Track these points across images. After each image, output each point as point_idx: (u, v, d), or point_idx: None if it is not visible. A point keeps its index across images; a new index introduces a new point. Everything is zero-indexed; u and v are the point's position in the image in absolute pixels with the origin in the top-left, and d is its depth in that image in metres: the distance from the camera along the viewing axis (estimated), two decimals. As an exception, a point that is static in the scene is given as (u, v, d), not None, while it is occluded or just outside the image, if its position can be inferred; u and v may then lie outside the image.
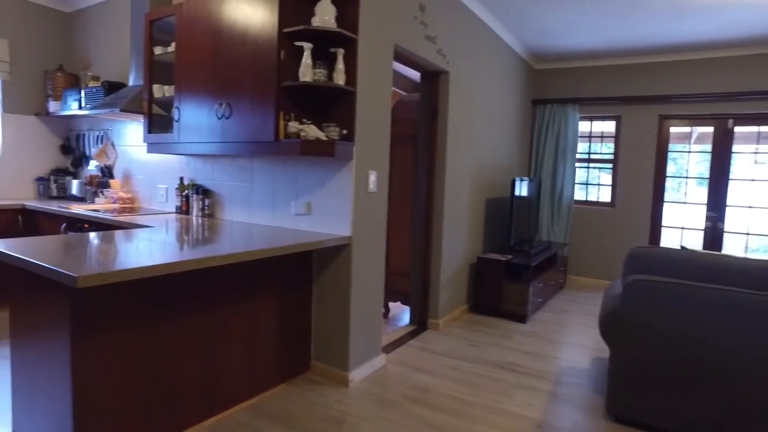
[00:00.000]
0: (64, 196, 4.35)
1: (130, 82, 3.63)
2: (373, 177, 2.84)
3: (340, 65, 2.60)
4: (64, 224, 3.50)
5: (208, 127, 2.85)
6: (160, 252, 1.98)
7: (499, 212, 4.91)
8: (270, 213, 3.03)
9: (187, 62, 2.96)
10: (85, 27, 4.40)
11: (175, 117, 3.02)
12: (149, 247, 2.08)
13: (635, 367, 2.39)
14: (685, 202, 5.22)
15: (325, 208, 2.80)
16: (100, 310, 1.81)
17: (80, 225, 3.36)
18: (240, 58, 2.68)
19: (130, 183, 3.99)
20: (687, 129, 5.24)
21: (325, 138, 2.55)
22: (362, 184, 2.76)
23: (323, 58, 2.62)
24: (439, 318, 3.83)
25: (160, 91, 3.23)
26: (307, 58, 2.54)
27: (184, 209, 3.39)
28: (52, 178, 4.37)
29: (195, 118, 2.92)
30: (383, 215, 3.00)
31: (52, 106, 4.23)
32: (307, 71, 2.54)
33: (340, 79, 2.60)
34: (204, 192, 3.29)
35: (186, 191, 3.38)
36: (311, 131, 2.52)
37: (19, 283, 2.02)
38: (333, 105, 2.73)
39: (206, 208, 3.28)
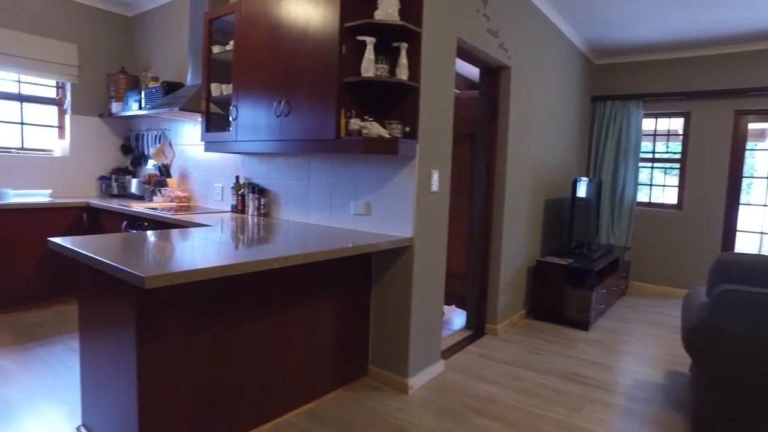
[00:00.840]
0: (124, 194, 4.46)
1: (188, 82, 3.66)
2: (435, 176, 2.73)
3: (404, 60, 2.50)
4: (125, 222, 3.56)
5: (266, 125, 2.81)
6: (221, 252, 1.94)
7: (558, 214, 4.69)
8: (327, 213, 2.97)
9: (246, 60, 2.93)
10: (146, 30, 4.49)
11: (233, 115, 3.00)
12: (210, 247, 2.04)
13: (727, 387, 2.17)
14: (765, 205, 4.83)
15: (385, 209, 2.70)
16: (163, 310, 1.78)
17: (140, 223, 3.40)
18: (299, 54, 2.63)
19: (186, 181, 4.03)
20: (765, 125, 4.85)
21: (387, 135, 2.45)
22: (425, 184, 2.65)
23: (385, 53, 2.52)
24: (497, 323, 3.68)
25: (217, 89, 3.22)
26: (369, 53, 2.45)
27: (239, 208, 3.38)
28: (113, 176, 4.49)
29: (253, 117, 2.89)
30: (445, 216, 2.88)
31: (115, 107, 4.34)
32: (369, 66, 2.45)
33: (403, 74, 2.50)
34: (260, 191, 3.27)
35: (242, 190, 3.37)
36: (374, 128, 2.44)
37: (86, 279, 2.02)
38: (395, 101, 2.63)
39: (262, 207, 3.25)
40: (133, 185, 4.32)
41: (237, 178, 3.42)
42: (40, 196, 3.96)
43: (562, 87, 4.54)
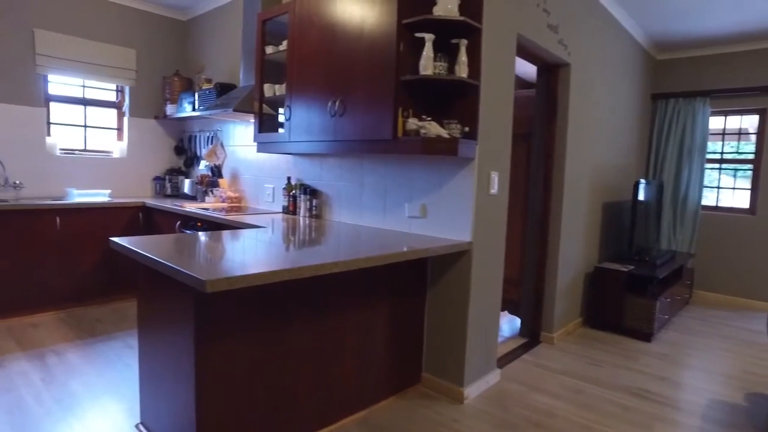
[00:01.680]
0: (177, 194, 4.55)
1: (241, 83, 3.68)
2: (495, 178, 2.62)
3: (463, 57, 2.40)
4: (179, 222, 3.62)
5: (320, 125, 2.78)
6: (278, 255, 1.90)
7: (616, 218, 4.46)
8: (381, 215, 2.90)
9: (299, 59, 2.91)
10: (199, 33, 4.57)
11: (286, 116, 2.98)
12: (265, 250, 2.01)
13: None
14: None
15: (442, 211, 2.61)
16: (221, 313, 1.76)
17: (193, 223, 3.45)
18: (355, 52, 2.57)
19: (237, 182, 4.07)
20: None
21: (447, 136, 2.36)
22: (484, 186, 2.55)
23: (442, 51, 2.43)
24: (553, 331, 3.51)
25: (270, 90, 3.22)
26: (428, 51, 2.37)
27: (291, 209, 3.36)
28: (166, 177, 4.59)
29: (306, 117, 2.86)
30: (503, 220, 2.76)
31: (169, 109, 4.44)
32: (428, 64, 2.37)
33: (462, 72, 2.41)
34: (311, 192, 3.24)
35: (293, 191, 3.35)
36: (432, 128, 2.35)
37: (145, 278, 2.03)
38: (453, 100, 2.54)
39: (314, 208, 3.22)
40: (186, 185, 4.40)
41: (288, 179, 3.41)
42: (100, 196, 4.09)
43: (621, 84, 4.32)
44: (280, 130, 3.30)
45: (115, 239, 2.04)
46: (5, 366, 2.81)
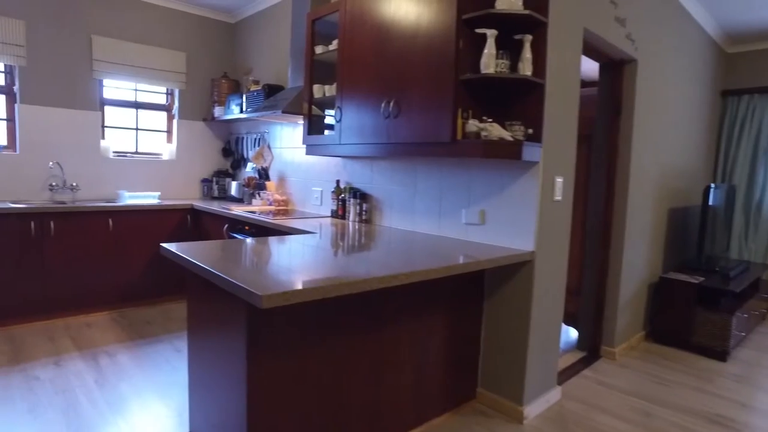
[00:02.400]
0: (224, 196, 4.56)
1: (289, 84, 3.63)
2: (559, 183, 2.44)
3: (527, 54, 2.24)
4: (226, 225, 3.60)
5: (372, 127, 2.67)
6: (332, 265, 1.79)
7: (682, 224, 4.16)
8: (435, 221, 2.77)
9: (351, 59, 2.81)
10: (247, 35, 4.57)
11: (337, 117, 2.89)
12: (318, 258, 1.92)
13: None
14: None
15: (502, 218, 2.46)
16: (274, 325, 1.67)
17: (241, 226, 3.41)
18: (410, 50, 2.45)
19: (284, 185, 4.02)
20: None
21: (510, 138, 2.20)
22: (548, 192, 2.38)
23: (504, 47, 2.27)
24: (615, 346, 3.28)
25: (320, 91, 3.14)
26: (490, 47, 2.22)
27: (340, 213, 3.28)
28: (214, 179, 4.61)
29: (358, 118, 2.76)
30: (567, 228, 2.58)
31: (217, 111, 4.45)
32: (489, 62, 2.22)
33: (526, 69, 2.24)
34: (361, 196, 3.14)
35: (342, 195, 3.27)
36: (494, 130, 2.20)
37: (195, 284, 1.98)
38: (515, 100, 2.37)
39: (364, 213, 3.12)
40: (233, 188, 4.40)
41: (337, 182, 3.33)
42: (150, 198, 4.13)
43: (690, 80, 4.02)
44: (325, 132, 3.22)
45: (166, 245, 1.99)
46: (62, 365, 2.84)
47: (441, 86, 2.30)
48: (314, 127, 3.21)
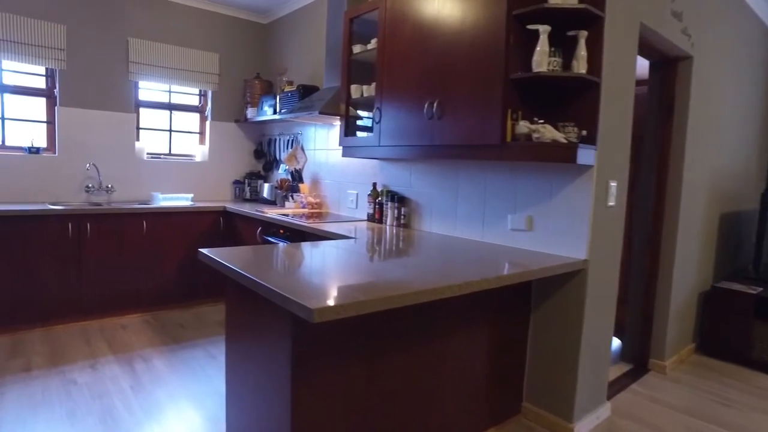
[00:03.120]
0: (256, 198, 4.53)
1: (324, 85, 3.56)
2: (613, 188, 2.30)
3: (582, 51, 2.11)
4: (260, 228, 3.55)
5: (414, 128, 2.57)
6: (378, 273, 1.70)
7: (734, 230, 3.94)
8: (479, 227, 2.66)
9: (391, 58, 2.72)
10: (280, 35, 4.53)
11: (376, 118, 2.81)
12: (362, 266, 1.83)
13: None
14: None
15: (551, 225, 2.33)
16: (320, 337, 1.59)
17: (275, 230, 3.36)
18: (455, 49, 2.35)
19: (318, 187, 3.96)
20: None
21: (564, 140, 2.08)
22: (602, 197, 2.24)
23: (555, 44, 2.15)
24: (665, 359, 3.11)
25: (357, 91, 3.06)
26: (543, 44, 2.10)
27: (377, 217, 3.19)
28: (246, 181, 4.58)
29: (399, 119, 2.67)
30: (620, 235, 2.44)
31: (250, 112, 4.41)
32: (542, 60, 2.10)
33: (581, 67, 2.12)
34: (399, 200, 3.05)
35: (379, 198, 3.18)
36: (547, 132, 2.08)
37: (234, 291, 1.91)
38: (568, 101, 2.25)
39: (402, 217, 3.03)
40: (265, 190, 4.36)
41: (374, 185, 3.24)
42: (183, 200, 4.12)
43: (746, 77, 3.80)
44: (359, 134, 3.14)
45: (204, 251, 1.93)
46: (99, 369, 2.83)
47: (489, 86, 2.19)
48: (353, 128, 3.14)
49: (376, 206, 3.19)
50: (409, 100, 2.60)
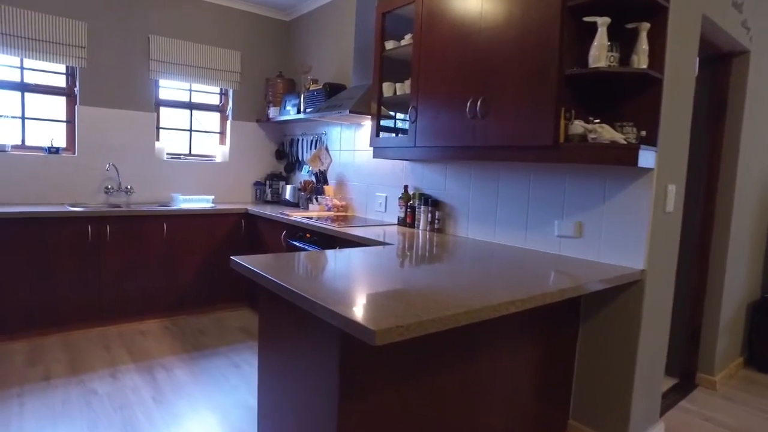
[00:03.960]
0: (278, 200, 4.40)
1: (352, 83, 3.43)
2: (671, 192, 2.13)
3: (644, 45, 1.95)
4: (284, 232, 3.42)
5: (454, 128, 2.42)
6: (429, 284, 1.55)
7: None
8: (521, 232, 2.50)
9: (429, 54, 2.57)
10: (304, 33, 4.40)
11: (411, 118, 2.66)
12: (408, 276, 1.68)
13: None
14: None
15: (603, 232, 2.17)
16: (368, 357, 1.44)
17: (301, 233, 3.22)
18: (501, 43, 2.19)
19: (344, 189, 3.82)
20: None
21: (623, 141, 1.92)
22: (660, 202, 2.07)
23: (611, 38, 1.99)
24: (714, 374, 2.92)
25: (390, 89, 2.92)
26: (601, 38, 1.94)
27: (408, 221, 3.04)
28: (267, 182, 4.46)
29: (437, 119, 2.52)
30: (677, 243, 2.27)
31: (272, 111, 4.29)
32: (601, 54, 1.94)
33: (642, 62, 1.95)
34: (434, 203, 2.90)
35: (412, 201, 3.03)
36: (605, 132, 1.92)
37: (268, 299, 1.77)
38: (625, 98, 2.08)
39: (436, 221, 2.88)
40: (288, 192, 4.23)
41: (405, 187, 3.10)
42: (203, 202, 4.01)
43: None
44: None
45: (236, 259, 1.80)
46: (119, 378, 2.71)
47: (540, 83, 2.03)
48: (384, 128, 3.00)
49: (408, 210, 3.04)
50: (449, 99, 2.45)
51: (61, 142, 3.75)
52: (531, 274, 1.83)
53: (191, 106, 4.33)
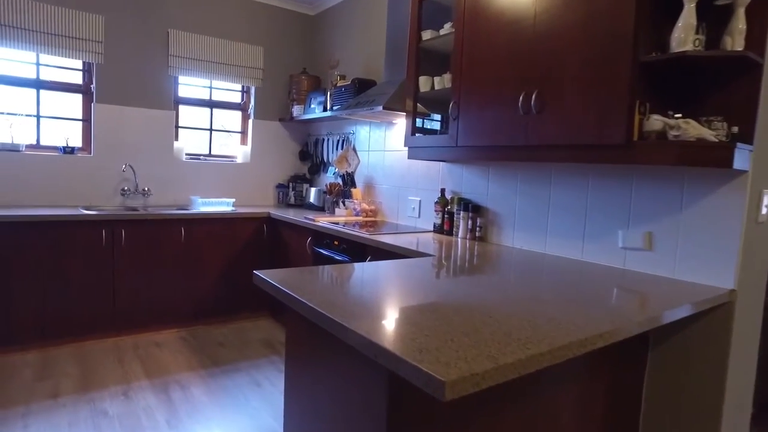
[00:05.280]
0: (302, 204, 4.18)
1: (383, 78, 3.18)
2: (766, 199, 1.82)
3: (740, 24, 1.65)
4: (310, 238, 3.18)
5: (504, 126, 2.14)
6: (491, 309, 1.28)
7: None
8: (577, 243, 2.21)
9: (473, 43, 2.30)
10: (330, 27, 4.17)
11: (453, 114, 2.39)
12: (463, 297, 1.41)
13: None
14: None
15: (680, 244, 1.86)
16: (425, 398, 1.18)
17: (328, 241, 2.98)
18: (562, 27, 1.91)
19: (372, 193, 3.57)
20: None
21: (713, 139, 1.62)
22: (752, 210, 1.77)
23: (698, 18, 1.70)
24: (793, 405, 2.58)
25: (427, 83, 2.66)
26: (688, 17, 1.65)
27: (446, 228, 2.77)
28: (290, 185, 4.24)
29: (483, 116, 2.25)
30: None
31: (296, 110, 4.07)
32: (687, 36, 1.65)
33: (736, 44, 1.65)
34: (474, 209, 2.63)
35: (449, 206, 2.76)
36: (691, 129, 1.62)
37: (297, 322, 1.53)
38: (712, 88, 1.78)
39: (478, 229, 2.60)
40: (312, 194, 4.00)
41: (442, 191, 2.83)
42: (224, 205, 3.80)
43: None
44: (417, 133, 2.73)
45: (259, 273, 1.56)
46: (131, 397, 2.50)
47: (609, 72, 1.75)
48: (415, 126, 2.74)
49: (445, 216, 2.77)
50: (497, 93, 2.17)
51: (76, 141, 3.58)
52: (601, 294, 1.55)
53: (211, 104, 4.13)
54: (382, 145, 3.46)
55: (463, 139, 2.34)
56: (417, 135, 2.69)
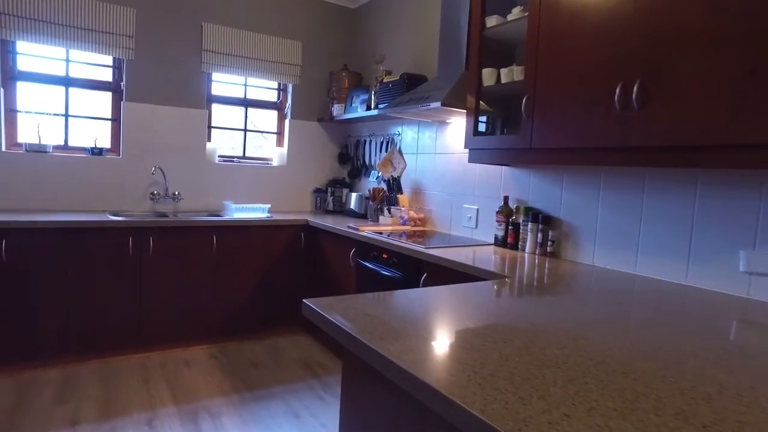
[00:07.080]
0: (341, 210, 3.89)
1: (437, 72, 2.85)
2: None
3: None
4: (353, 249, 2.88)
5: (593, 124, 1.79)
6: (608, 353, 0.94)
7: None
8: (682, 264, 1.83)
9: (552, 26, 1.96)
10: (373, 20, 3.88)
11: (526, 111, 2.05)
12: (570, 341, 1.07)
13: None
14: None
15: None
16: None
17: (375, 253, 2.67)
18: (674, 5, 1.56)
19: (420, 199, 3.25)
20: None
21: None
22: None
23: None
24: None
25: (491, 77, 2.32)
26: None
27: (510, 242, 2.43)
28: (329, 189, 3.95)
29: (565, 112, 1.90)
30: None
31: (336, 109, 3.78)
32: None
33: None
34: (545, 220, 2.27)
35: (514, 217, 2.42)
36: None
37: (353, 359, 1.21)
38: None
39: (549, 243, 2.25)
40: (352, 200, 3.71)
41: (506, 199, 2.49)
42: (259, 211, 3.53)
43: None
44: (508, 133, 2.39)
45: (312, 305, 1.27)
46: (156, 427, 2.24)
47: (754, 50, 1.38)
48: (477, 126, 2.40)
49: (509, 227, 2.43)
50: (585, 85, 1.82)
51: (105, 142, 3.38)
52: (748, 337, 1.18)
53: (246, 103, 3.89)
54: (433, 147, 3.14)
55: (540, 139, 1.99)
56: (480, 135, 2.36)
